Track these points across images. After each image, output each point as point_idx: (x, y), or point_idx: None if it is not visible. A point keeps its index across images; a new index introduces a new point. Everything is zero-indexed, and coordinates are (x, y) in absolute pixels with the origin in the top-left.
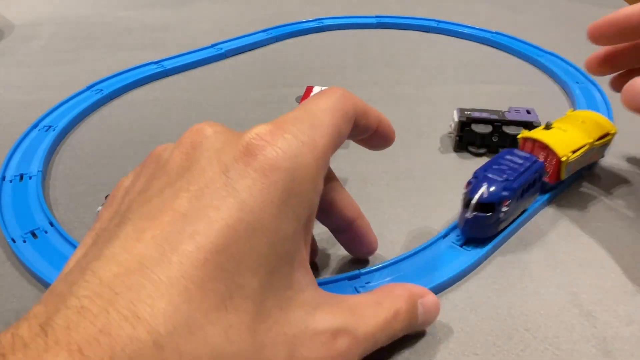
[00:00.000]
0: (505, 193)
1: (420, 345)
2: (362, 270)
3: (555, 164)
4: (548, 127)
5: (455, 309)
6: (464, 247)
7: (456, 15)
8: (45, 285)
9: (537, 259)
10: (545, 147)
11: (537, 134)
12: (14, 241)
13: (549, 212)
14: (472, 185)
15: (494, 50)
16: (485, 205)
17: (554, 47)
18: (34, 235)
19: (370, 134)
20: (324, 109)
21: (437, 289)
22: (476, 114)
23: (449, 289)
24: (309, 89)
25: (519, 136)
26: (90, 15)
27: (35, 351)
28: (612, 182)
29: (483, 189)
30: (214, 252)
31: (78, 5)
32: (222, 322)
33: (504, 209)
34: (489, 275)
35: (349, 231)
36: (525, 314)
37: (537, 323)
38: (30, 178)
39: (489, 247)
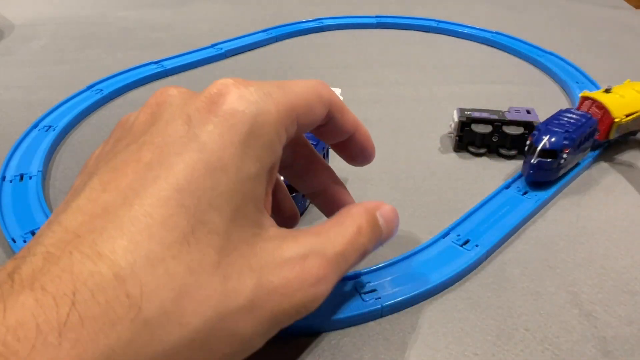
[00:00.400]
0: (565, 142)
1: (421, 345)
2: (362, 270)
3: (607, 123)
4: (608, 91)
5: (455, 309)
6: (463, 246)
7: (456, 15)
8: None
9: (537, 259)
10: (602, 108)
11: (597, 95)
12: (14, 241)
13: (548, 210)
14: (535, 137)
15: (494, 50)
16: (548, 152)
17: (553, 47)
18: (34, 235)
19: (345, 137)
20: (297, 84)
21: (438, 289)
22: (476, 114)
23: (449, 288)
24: None
25: (580, 94)
26: (90, 15)
27: (0, 295)
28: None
29: (546, 139)
30: (175, 190)
31: (78, 5)
32: (183, 255)
33: (564, 155)
34: (489, 275)
35: (350, 143)
36: (525, 314)
37: (537, 323)
38: (30, 178)
39: (488, 247)
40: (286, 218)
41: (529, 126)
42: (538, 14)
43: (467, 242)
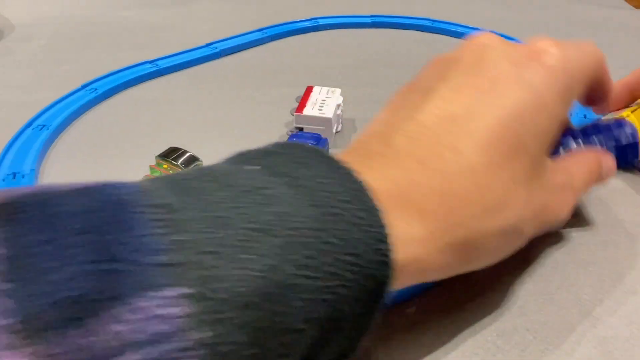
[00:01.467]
0: None
1: (421, 345)
2: None
3: None
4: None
5: (455, 309)
6: None
7: (453, 14)
8: None
9: (537, 259)
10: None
11: (623, 112)
12: None
13: None
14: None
15: None
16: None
17: None
18: None
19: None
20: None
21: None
22: None
23: (450, 287)
24: (309, 89)
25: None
26: (90, 15)
27: (388, 158)
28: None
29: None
30: (508, 115)
31: (78, 5)
32: (508, 165)
33: None
34: (488, 275)
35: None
36: (525, 314)
37: (537, 323)
38: (23, 177)
39: None
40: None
41: None
42: (538, 14)
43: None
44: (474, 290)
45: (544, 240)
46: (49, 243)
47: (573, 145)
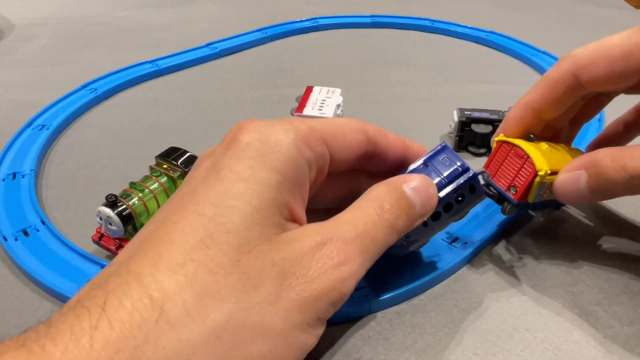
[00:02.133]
0: None
1: (421, 345)
2: None
3: (528, 178)
4: (531, 139)
5: (455, 309)
6: (452, 244)
7: (452, 14)
8: (35, 282)
9: (537, 259)
10: (523, 156)
11: (517, 140)
12: (5, 239)
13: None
14: None
15: (489, 49)
16: None
17: (552, 47)
18: (25, 233)
19: (399, 159)
20: (325, 119)
21: (425, 286)
22: (476, 114)
23: (449, 288)
24: (308, 89)
25: (496, 139)
26: (90, 15)
27: (49, 321)
28: None
29: None
30: (194, 204)
31: (78, 5)
32: (202, 258)
33: (412, 239)
34: (489, 275)
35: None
36: (525, 314)
37: (537, 323)
38: (23, 177)
39: (476, 244)
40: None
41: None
42: (538, 14)
43: (456, 239)
44: (474, 290)
45: (544, 240)
46: None
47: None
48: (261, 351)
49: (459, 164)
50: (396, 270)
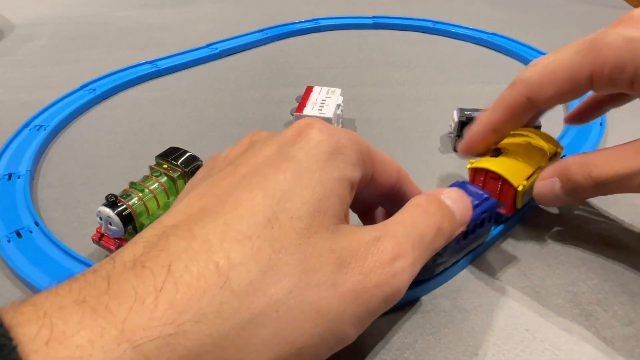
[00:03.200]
0: None
1: (421, 345)
2: None
3: (511, 195)
4: (497, 151)
5: (455, 309)
6: None
7: (453, 14)
8: (27, 284)
9: (537, 259)
10: (498, 178)
11: (487, 163)
12: None
13: (547, 210)
14: None
15: (491, 51)
16: None
17: (552, 48)
18: (18, 235)
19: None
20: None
21: (426, 289)
22: (476, 114)
23: (449, 288)
24: (309, 89)
25: (468, 167)
26: (90, 15)
27: (106, 273)
28: None
29: None
30: (263, 187)
31: (78, 5)
32: (267, 235)
33: (440, 259)
34: (489, 276)
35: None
36: (525, 314)
37: (537, 323)
38: (18, 177)
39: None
40: None
41: (528, 127)
42: (538, 14)
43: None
44: (474, 290)
45: (544, 240)
46: None
47: None
48: (312, 332)
49: (483, 192)
50: None
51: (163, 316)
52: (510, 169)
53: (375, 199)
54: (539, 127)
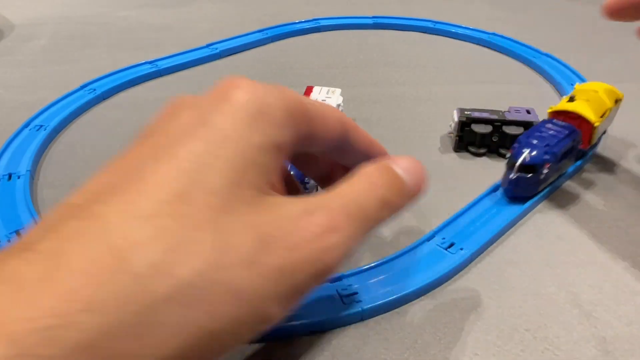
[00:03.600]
0: (546, 157)
1: (420, 345)
2: (345, 273)
3: (587, 131)
4: (572, 99)
5: (455, 309)
6: (448, 250)
7: (453, 14)
8: None
9: (537, 259)
10: (576, 117)
11: (566, 106)
12: None
13: (547, 210)
14: (515, 150)
15: (491, 51)
16: (528, 167)
17: (552, 48)
18: (18, 235)
19: (362, 158)
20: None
21: (419, 292)
22: (476, 114)
23: (449, 288)
24: (309, 89)
25: (548, 110)
26: (90, 15)
27: None
28: (608, 178)
29: (526, 153)
30: (173, 157)
31: (78, 5)
32: (176, 212)
33: (545, 171)
34: (488, 275)
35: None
36: (525, 314)
37: (537, 323)
38: (18, 177)
39: (473, 250)
40: None
41: (529, 126)
42: (538, 15)
43: (451, 245)
44: (474, 290)
45: (543, 240)
46: None
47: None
48: (229, 315)
49: (569, 125)
50: (391, 277)
51: (48, 306)
52: (586, 110)
53: (326, 159)
54: None
